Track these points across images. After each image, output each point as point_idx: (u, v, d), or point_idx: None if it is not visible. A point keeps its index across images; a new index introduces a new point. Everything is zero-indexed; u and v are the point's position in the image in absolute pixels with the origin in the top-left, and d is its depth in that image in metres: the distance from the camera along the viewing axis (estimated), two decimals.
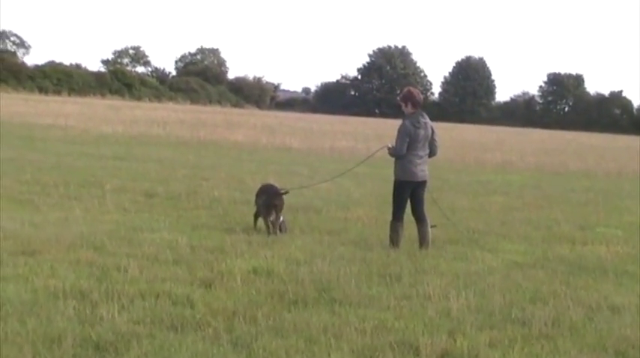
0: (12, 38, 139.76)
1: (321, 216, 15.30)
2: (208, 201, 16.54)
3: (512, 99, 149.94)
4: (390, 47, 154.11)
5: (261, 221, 13.45)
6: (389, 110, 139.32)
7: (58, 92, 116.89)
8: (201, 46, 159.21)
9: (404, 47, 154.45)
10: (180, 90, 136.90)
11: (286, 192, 13.82)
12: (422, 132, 12.71)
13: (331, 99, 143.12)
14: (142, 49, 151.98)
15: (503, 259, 12.12)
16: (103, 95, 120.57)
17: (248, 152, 32.86)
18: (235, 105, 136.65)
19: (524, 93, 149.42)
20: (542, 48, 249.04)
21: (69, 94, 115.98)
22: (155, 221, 13.68)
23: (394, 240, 12.70)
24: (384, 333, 7.74)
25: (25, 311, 7.66)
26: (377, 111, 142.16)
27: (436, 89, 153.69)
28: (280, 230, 13.25)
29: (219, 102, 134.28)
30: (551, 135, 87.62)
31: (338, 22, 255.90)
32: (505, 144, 54.74)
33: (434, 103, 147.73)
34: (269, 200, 13.34)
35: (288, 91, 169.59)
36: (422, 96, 13.20)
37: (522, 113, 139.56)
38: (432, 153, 13.10)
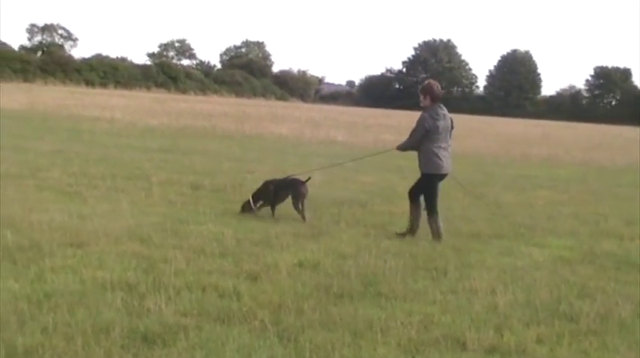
0: (60, 31, 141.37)
1: (367, 210, 15.28)
2: None
3: (558, 93, 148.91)
4: (435, 40, 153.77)
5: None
6: None
7: (104, 85, 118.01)
8: (246, 39, 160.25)
9: (449, 40, 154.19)
10: (225, 83, 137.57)
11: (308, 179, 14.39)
12: (441, 123, 12.77)
13: (375, 92, 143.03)
14: (187, 42, 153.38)
15: (549, 254, 12.02)
16: (148, 88, 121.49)
17: (292, 145, 32.87)
18: (280, 98, 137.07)
19: (571, 87, 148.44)
20: (589, 41, 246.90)
21: (115, 87, 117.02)
22: (201, 213, 13.72)
23: (437, 232, 12.75)
24: (431, 328, 7.71)
25: (74, 302, 7.71)
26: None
27: (481, 83, 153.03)
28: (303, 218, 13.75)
29: (264, 96, 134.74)
30: (597, 130, 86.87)
31: (383, 15, 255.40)
32: (551, 139, 54.37)
33: (479, 97, 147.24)
34: (296, 190, 13.94)
35: (332, 84, 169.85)
36: (441, 90, 13.20)
37: (568, 107, 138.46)
38: None
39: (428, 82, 13.23)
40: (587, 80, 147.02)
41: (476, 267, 10.67)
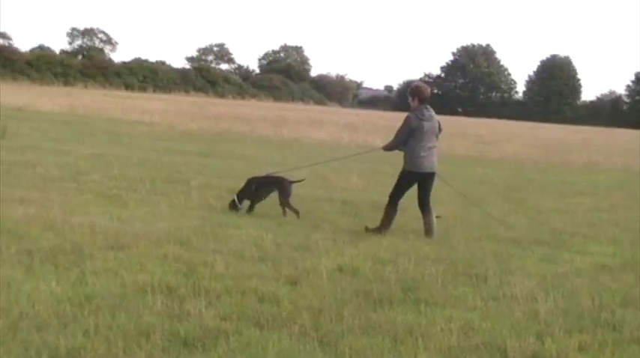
0: (100, 35, 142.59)
1: (406, 215, 15.19)
2: (293, 197, 16.58)
3: (598, 99, 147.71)
4: (473, 45, 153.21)
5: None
6: (472, 108, 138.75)
7: (143, 88, 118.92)
8: (285, 44, 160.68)
9: (488, 45, 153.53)
10: (263, 87, 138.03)
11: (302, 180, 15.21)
12: (427, 124, 13.15)
13: None
14: (225, 46, 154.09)
15: (591, 261, 11.91)
16: (187, 92, 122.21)
17: (331, 150, 32.84)
18: (318, 102, 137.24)
19: (611, 93, 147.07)
20: (630, 46, 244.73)
21: (154, 91, 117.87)
22: (240, 217, 13.77)
23: (386, 223, 13.17)
24: (471, 334, 7.66)
25: (115, 304, 7.74)
26: (460, 109, 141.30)
27: (520, 88, 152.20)
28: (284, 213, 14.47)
29: (302, 100, 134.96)
30: (638, 136, 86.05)
31: (421, 20, 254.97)
32: (591, 144, 53.94)
33: (518, 102, 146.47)
34: (282, 188, 14.60)
35: (370, 89, 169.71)
36: (429, 92, 13.60)
37: (609, 113, 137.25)
38: None
39: (416, 84, 13.64)
40: (627, 85, 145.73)
41: (516, 273, 10.59)
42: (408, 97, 13.30)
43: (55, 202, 13.83)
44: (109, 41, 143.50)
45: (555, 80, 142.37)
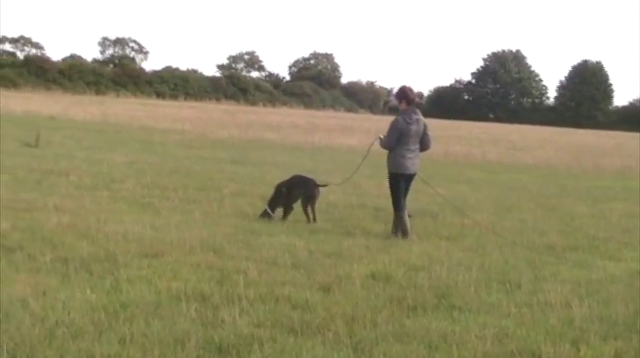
0: (131, 44, 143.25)
1: (438, 222, 15.20)
2: (325, 205, 16.59)
3: (630, 104, 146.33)
4: (504, 51, 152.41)
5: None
6: (503, 114, 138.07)
7: (174, 97, 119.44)
8: (315, 51, 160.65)
9: (518, 51, 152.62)
10: (293, 94, 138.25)
11: (325, 185, 15.23)
12: (414, 127, 13.57)
13: (444, 103, 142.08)
14: (256, 54, 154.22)
15: (625, 267, 11.81)
16: (218, 100, 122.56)
17: (362, 156, 32.74)
18: (349, 109, 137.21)
19: None
20: None
21: (185, 99, 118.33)
22: (273, 225, 13.80)
23: (401, 229, 13.33)
24: (506, 341, 7.62)
25: (149, 312, 7.79)
26: (491, 115, 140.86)
27: (552, 93, 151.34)
28: (315, 219, 14.44)
29: (333, 107, 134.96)
30: None
31: (452, 27, 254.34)
32: (624, 150, 53.56)
33: (549, 108, 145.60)
34: (309, 191, 14.59)
35: None
36: (415, 95, 14.21)
37: None
38: (425, 147, 13.92)
39: (402, 87, 14.02)
40: None
41: (550, 279, 10.53)
42: (388, 100, 13.66)
43: (89, 210, 13.94)
44: (140, 50, 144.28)
45: (587, 85, 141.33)
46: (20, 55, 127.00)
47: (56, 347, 6.68)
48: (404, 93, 13.79)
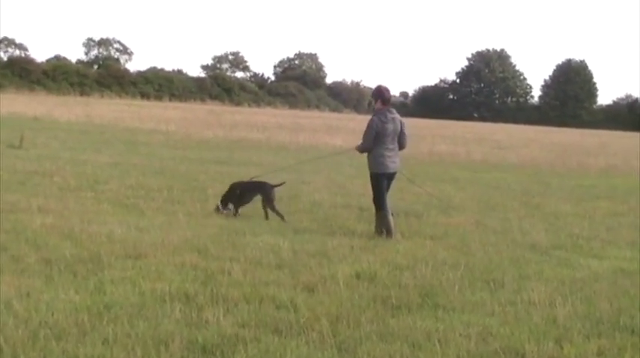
0: (115, 45, 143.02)
1: (422, 221, 15.21)
2: (309, 204, 16.64)
3: (614, 103, 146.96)
4: (488, 50, 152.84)
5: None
6: (488, 114, 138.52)
7: (159, 97, 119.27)
8: (300, 51, 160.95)
9: (502, 50, 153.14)
10: (278, 95, 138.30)
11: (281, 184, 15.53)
12: (390, 126, 13.77)
13: (429, 103, 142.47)
14: (241, 54, 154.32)
15: (609, 266, 11.84)
16: (203, 100, 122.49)
17: (348, 156, 32.73)
18: (334, 109, 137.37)
19: (628, 96, 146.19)
20: None
21: (170, 99, 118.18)
22: (257, 225, 13.80)
23: (385, 229, 13.36)
24: (490, 339, 7.64)
25: (133, 313, 7.78)
26: (475, 114, 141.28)
27: (536, 92, 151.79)
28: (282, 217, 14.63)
29: (318, 107, 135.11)
30: None
31: (436, 26, 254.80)
32: (608, 148, 53.79)
33: (534, 107, 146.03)
34: (266, 193, 14.98)
35: None
36: (391, 94, 14.28)
37: (626, 116, 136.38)
38: (401, 146, 14.08)
39: (378, 87, 14.23)
40: None
41: (534, 278, 10.56)
42: (371, 100, 14.08)
43: (73, 211, 13.91)
44: (124, 51, 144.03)
45: (571, 84, 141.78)
46: (4, 56, 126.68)
47: (39, 348, 6.67)
48: (379, 93, 13.98)
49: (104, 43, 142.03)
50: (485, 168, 31.26)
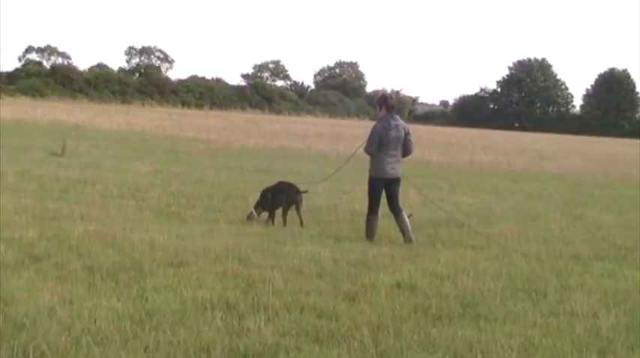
0: (157, 53, 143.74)
1: (463, 231, 15.14)
2: (349, 214, 16.63)
3: None
4: (529, 59, 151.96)
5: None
6: (529, 123, 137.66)
7: (200, 106, 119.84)
8: (340, 60, 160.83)
9: (544, 59, 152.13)
10: (318, 103, 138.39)
11: (306, 191, 15.60)
12: (393, 133, 13.89)
13: (470, 112, 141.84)
14: (281, 63, 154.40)
15: None
16: (243, 109, 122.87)
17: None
18: (373, 118, 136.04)
19: None
20: None
21: (210, 108, 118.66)
22: (298, 234, 13.80)
23: (369, 232, 13.69)
24: (532, 351, 7.58)
25: (175, 321, 7.80)
26: (516, 124, 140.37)
27: (577, 102, 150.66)
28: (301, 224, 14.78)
29: (358, 116, 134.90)
30: None
31: (477, 35, 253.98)
32: None
33: (575, 117, 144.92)
34: (290, 196, 15.00)
35: (426, 104, 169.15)
36: (395, 101, 14.44)
37: None
38: (407, 152, 14.26)
39: (382, 94, 14.56)
40: None
41: (576, 289, 10.46)
42: (376, 107, 14.24)
43: (115, 219, 14.01)
44: (165, 59, 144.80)
45: (613, 94, 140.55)
46: (47, 65, 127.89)
47: (82, 355, 6.72)
48: (383, 100, 14.17)
49: (146, 51, 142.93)
50: (526, 178, 31.08)
